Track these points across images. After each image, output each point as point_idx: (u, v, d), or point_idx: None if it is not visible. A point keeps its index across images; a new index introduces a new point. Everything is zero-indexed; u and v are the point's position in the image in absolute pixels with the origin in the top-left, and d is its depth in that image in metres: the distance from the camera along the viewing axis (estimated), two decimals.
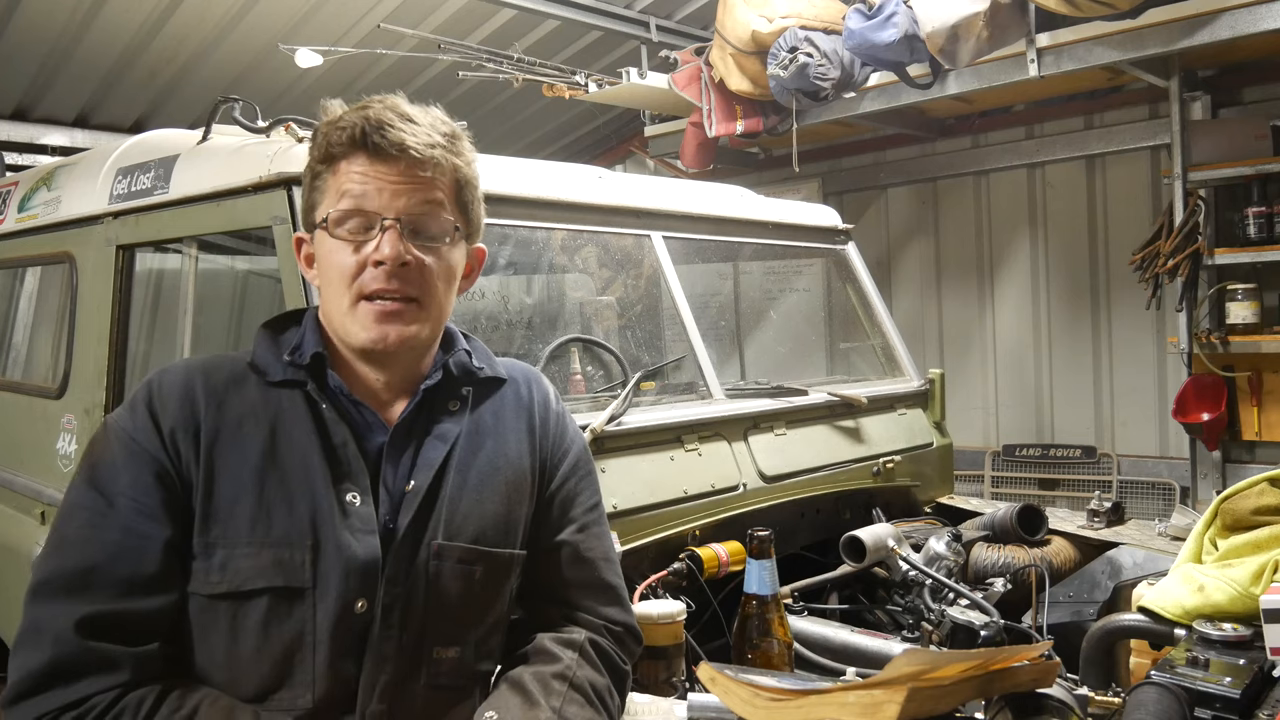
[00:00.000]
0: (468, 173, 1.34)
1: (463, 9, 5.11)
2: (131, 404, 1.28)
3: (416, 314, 1.28)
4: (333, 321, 1.31)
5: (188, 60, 5.28)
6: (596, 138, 7.34)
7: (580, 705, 1.31)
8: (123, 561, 1.19)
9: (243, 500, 1.24)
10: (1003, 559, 2.48)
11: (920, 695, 1.25)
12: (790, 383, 2.81)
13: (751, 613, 1.77)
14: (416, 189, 1.27)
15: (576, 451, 1.50)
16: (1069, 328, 5.62)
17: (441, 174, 1.29)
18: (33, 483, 2.81)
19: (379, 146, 1.25)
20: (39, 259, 3.14)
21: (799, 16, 4.53)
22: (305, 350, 1.31)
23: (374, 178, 1.25)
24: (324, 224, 1.27)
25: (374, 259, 1.24)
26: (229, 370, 1.31)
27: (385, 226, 1.25)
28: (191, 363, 1.33)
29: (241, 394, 1.29)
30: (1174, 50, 4.02)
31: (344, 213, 1.26)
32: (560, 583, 1.44)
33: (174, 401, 1.26)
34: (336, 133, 1.26)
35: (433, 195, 1.28)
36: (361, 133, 1.25)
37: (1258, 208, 4.48)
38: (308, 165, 1.32)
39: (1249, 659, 1.51)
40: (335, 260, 1.27)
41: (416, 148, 1.25)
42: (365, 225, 1.26)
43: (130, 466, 1.23)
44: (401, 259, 1.24)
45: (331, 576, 1.23)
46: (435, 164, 1.28)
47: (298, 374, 1.30)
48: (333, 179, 1.28)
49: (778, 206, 3.24)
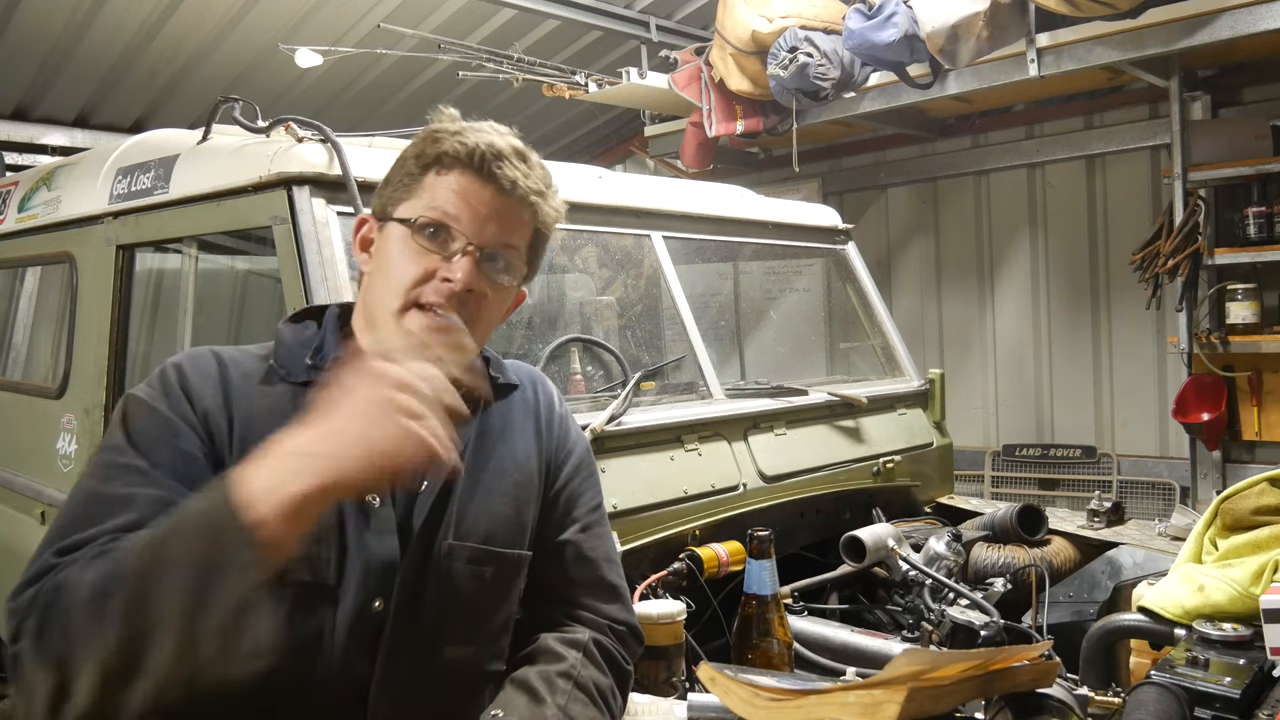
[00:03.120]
0: (550, 227, 1.35)
1: (463, 9, 5.11)
2: (162, 382, 1.24)
3: (459, 338, 1.26)
4: (375, 315, 1.29)
5: (188, 60, 5.28)
6: (596, 138, 7.33)
7: (584, 704, 1.31)
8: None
9: None
10: (1003, 559, 2.48)
11: (920, 695, 1.25)
12: (790, 383, 2.81)
13: (751, 613, 1.77)
14: (506, 226, 1.27)
15: (580, 452, 1.51)
16: (1069, 328, 5.62)
17: (532, 220, 1.30)
18: (33, 483, 2.81)
19: (494, 175, 1.25)
20: (39, 259, 3.14)
21: (799, 16, 4.53)
22: (326, 354, 1.31)
23: (474, 199, 1.25)
24: (408, 222, 1.26)
25: (444, 275, 1.24)
26: (253, 366, 1.30)
27: (468, 251, 1.25)
28: (219, 351, 1.31)
29: (268, 390, 1.28)
30: (1174, 50, 4.02)
31: (433, 221, 1.25)
32: (563, 582, 1.44)
33: (207, 386, 1.24)
34: (454, 144, 1.26)
35: (517, 236, 1.29)
36: (481, 156, 1.25)
37: (1258, 208, 4.48)
38: (404, 158, 1.31)
39: (1249, 659, 1.51)
40: (403, 261, 1.25)
41: (525, 189, 1.27)
42: (447, 239, 1.25)
43: (169, 439, 1.19)
44: (471, 285, 1.24)
45: (353, 575, 1.24)
46: (533, 209, 1.29)
47: (321, 376, 1.29)
48: (432, 180, 1.27)
49: (778, 206, 3.24)
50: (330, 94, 5.88)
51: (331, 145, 2.10)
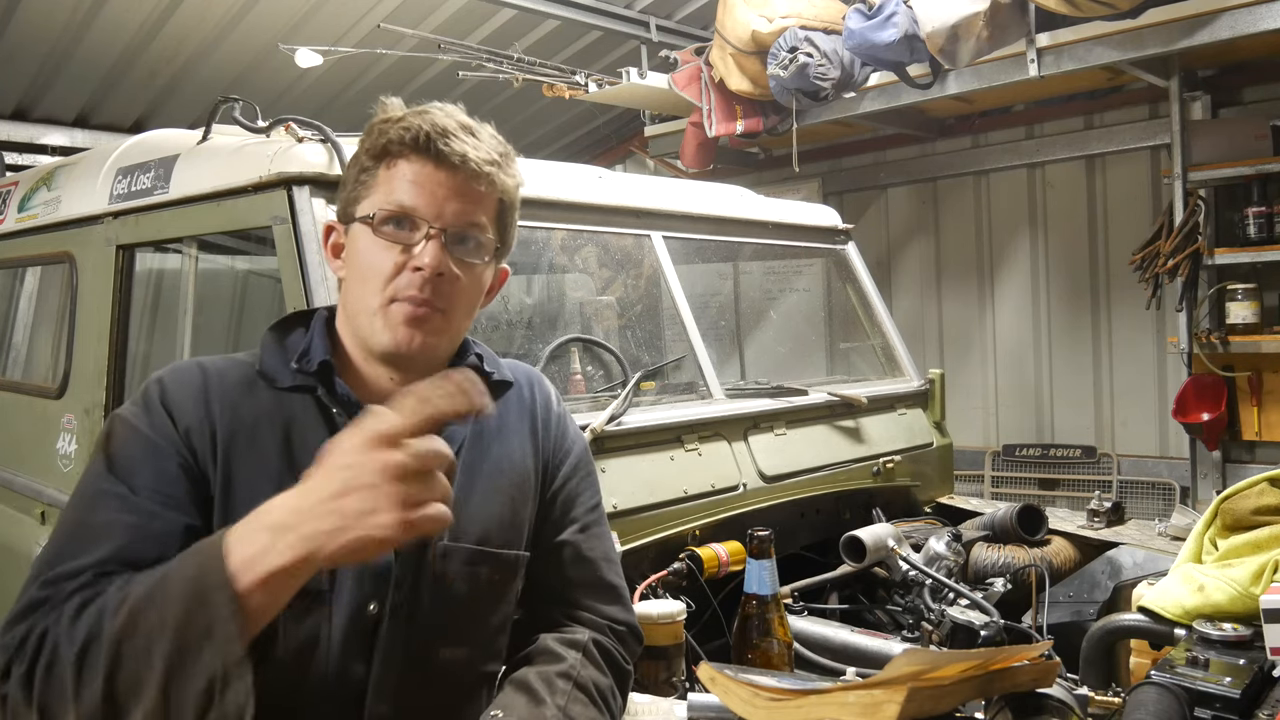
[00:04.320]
0: (513, 195, 1.34)
1: (463, 9, 5.11)
2: (145, 400, 1.25)
3: (442, 324, 1.27)
4: (356, 319, 1.29)
5: (188, 60, 5.28)
6: (596, 138, 7.33)
7: (584, 705, 1.31)
8: (149, 545, 1.14)
9: (261, 502, 1.23)
10: (1003, 559, 2.48)
11: (920, 695, 1.25)
12: (790, 383, 2.81)
13: (751, 613, 1.77)
14: (466, 203, 1.26)
15: (578, 452, 1.50)
16: (1069, 328, 5.62)
17: (492, 191, 1.28)
18: (33, 483, 2.81)
19: (441, 154, 1.23)
20: (39, 259, 3.14)
21: (799, 16, 4.53)
22: (313, 358, 1.30)
23: (428, 183, 1.24)
24: (368, 220, 1.25)
25: (413, 265, 1.23)
26: (239, 373, 1.30)
27: (430, 235, 1.24)
28: (203, 362, 1.31)
29: (254, 397, 1.28)
30: (1174, 50, 4.02)
31: (391, 213, 1.24)
32: (562, 582, 1.44)
33: (189, 401, 1.24)
34: (398, 131, 1.24)
35: (480, 211, 1.28)
36: (426, 137, 1.23)
37: (1258, 208, 4.48)
38: (356, 157, 1.30)
39: (1249, 659, 1.51)
40: (372, 258, 1.25)
41: (476, 161, 1.25)
42: (410, 229, 1.24)
43: (152, 458, 1.20)
44: (440, 269, 1.23)
45: (347, 579, 1.23)
46: (489, 180, 1.27)
47: (307, 380, 1.29)
48: (384, 174, 1.26)
49: (778, 206, 3.24)
50: (330, 94, 5.88)
51: (331, 145, 2.10)
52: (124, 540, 1.12)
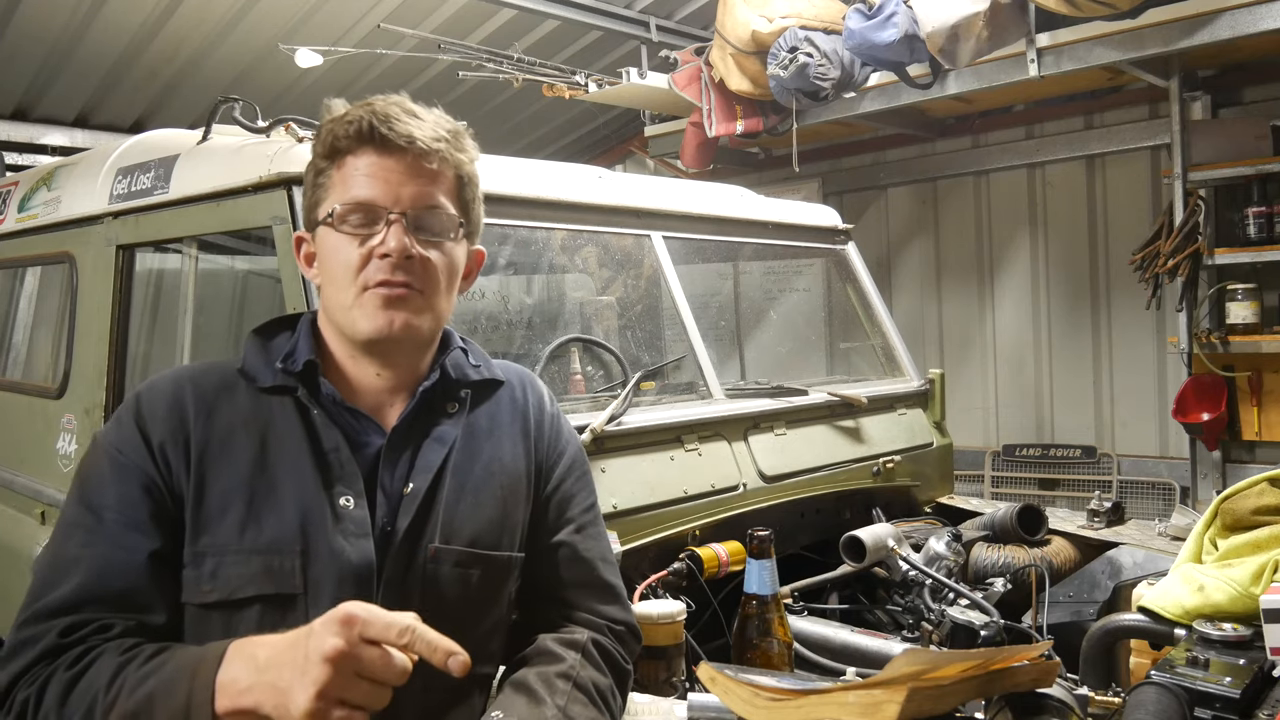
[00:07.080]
0: (470, 170, 1.34)
1: (463, 9, 5.11)
2: (119, 418, 1.27)
3: (421, 304, 1.27)
4: (336, 317, 1.30)
5: (188, 60, 5.28)
6: (596, 138, 7.33)
7: (584, 705, 1.31)
8: (113, 577, 1.18)
9: (232, 508, 1.23)
10: (1003, 559, 2.48)
11: (920, 695, 1.25)
12: (790, 383, 2.81)
13: (751, 613, 1.77)
14: (422, 183, 1.27)
15: (572, 453, 1.50)
16: (1069, 328, 5.62)
17: (446, 169, 1.29)
18: (33, 483, 2.81)
19: (386, 139, 1.24)
20: (39, 259, 3.14)
21: (799, 16, 4.53)
22: (298, 358, 1.30)
23: (380, 171, 1.25)
24: (329, 219, 1.26)
25: (379, 252, 1.24)
26: (218, 378, 1.31)
27: (391, 220, 1.25)
28: (180, 372, 1.32)
29: (232, 402, 1.28)
30: (1174, 50, 4.02)
31: (350, 206, 1.25)
32: (559, 583, 1.44)
33: (162, 413, 1.26)
34: (343, 127, 1.26)
35: (437, 189, 1.28)
36: (369, 126, 1.24)
37: (1258, 208, 4.48)
38: (310, 163, 1.32)
39: (1249, 659, 1.51)
40: (339, 255, 1.26)
41: (423, 140, 1.25)
42: (371, 219, 1.25)
43: (117, 481, 1.22)
44: (407, 252, 1.24)
45: (324, 582, 1.23)
46: (441, 158, 1.28)
47: (288, 380, 1.29)
48: (338, 174, 1.27)
49: (778, 206, 3.24)
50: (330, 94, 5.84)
51: None
52: (91, 576, 1.17)
